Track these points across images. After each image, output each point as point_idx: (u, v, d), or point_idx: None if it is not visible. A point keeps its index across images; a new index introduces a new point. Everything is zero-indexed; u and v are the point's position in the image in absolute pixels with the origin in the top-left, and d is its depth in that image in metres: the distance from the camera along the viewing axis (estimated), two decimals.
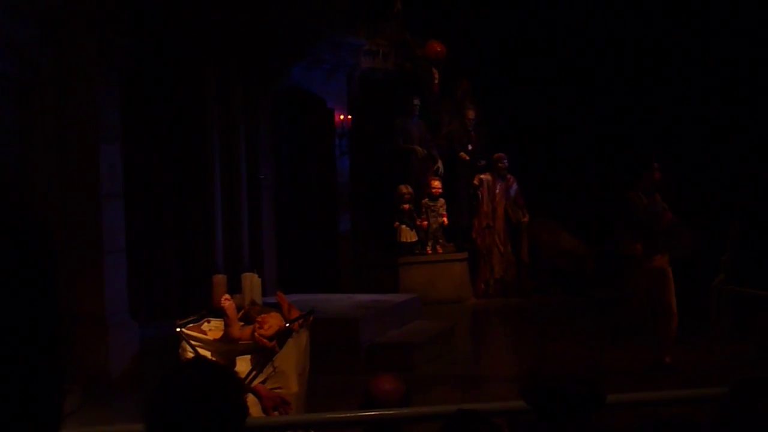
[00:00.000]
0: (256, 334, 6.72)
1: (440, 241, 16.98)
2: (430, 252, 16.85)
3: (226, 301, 6.84)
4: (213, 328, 7.08)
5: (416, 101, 17.16)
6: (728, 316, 12.73)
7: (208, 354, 6.82)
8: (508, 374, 11.08)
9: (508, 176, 17.53)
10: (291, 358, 6.86)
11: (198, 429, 2.88)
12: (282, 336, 6.79)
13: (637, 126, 18.01)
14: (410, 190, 16.65)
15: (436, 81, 17.73)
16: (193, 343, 6.81)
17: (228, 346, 6.79)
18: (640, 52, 17.90)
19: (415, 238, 16.71)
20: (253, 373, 6.68)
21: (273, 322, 6.82)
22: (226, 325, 6.83)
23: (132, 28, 11.32)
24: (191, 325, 7.00)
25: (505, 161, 17.46)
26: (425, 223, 16.78)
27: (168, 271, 13.07)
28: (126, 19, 11.16)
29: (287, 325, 6.86)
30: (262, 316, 6.88)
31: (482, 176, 17.54)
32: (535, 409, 3.59)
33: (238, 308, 7.04)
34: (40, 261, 1.73)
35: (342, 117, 16.44)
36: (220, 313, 6.93)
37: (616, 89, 18.24)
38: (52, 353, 1.90)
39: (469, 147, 17.81)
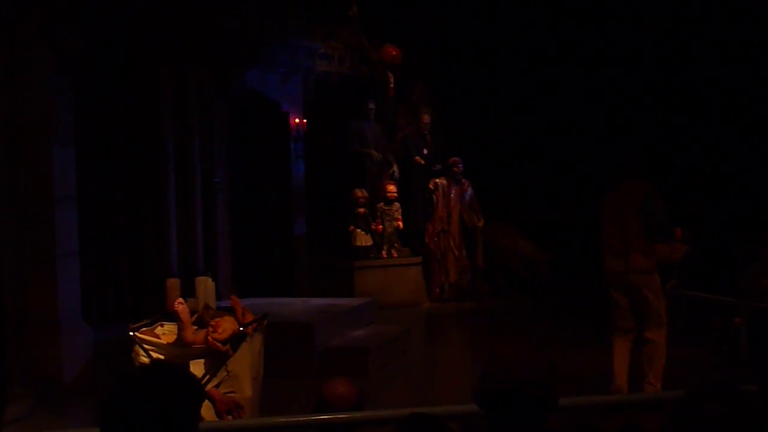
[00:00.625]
0: (209, 338, 6.70)
1: (395, 245, 17.00)
2: (385, 256, 16.86)
3: (180, 305, 6.80)
4: (166, 332, 7.05)
5: (372, 105, 17.17)
6: (681, 320, 12.84)
7: (161, 358, 6.79)
8: (462, 378, 11.12)
9: (463, 181, 17.60)
10: (245, 362, 6.85)
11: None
12: (236, 340, 6.78)
13: (592, 131, 18.14)
14: (365, 194, 16.66)
15: (392, 85, 17.75)
16: (146, 347, 6.78)
17: (181, 350, 6.76)
18: (595, 57, 18.02)
19: (370, 242, 16.71)
20: (207, 377, 6.66)
21: (227, 326, 6.80)
22: (180, 329, 6.80)
23: (86, 30, 11.24)
24: (144, 329, 6.97)
25: (460, 166, 17.53)
26: (380, 227, 16.79)
27: (121, 274, 12.98)
28: (80, 21, 11.08)
29: (241, 329, 6.84)
30: (216, 320, 6.86)
31: (437, 180, 17.59)
32: (487, 413, 3.60)
33: (192, 312, 7.02)
34: None
35: (297, 121, 16.41)
36: (173, 316, 6.90)
37: (570, 94, 18.36)
38: None
39: (425, 151, 17.85)
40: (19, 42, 10.66)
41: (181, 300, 6.92)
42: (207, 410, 6.32)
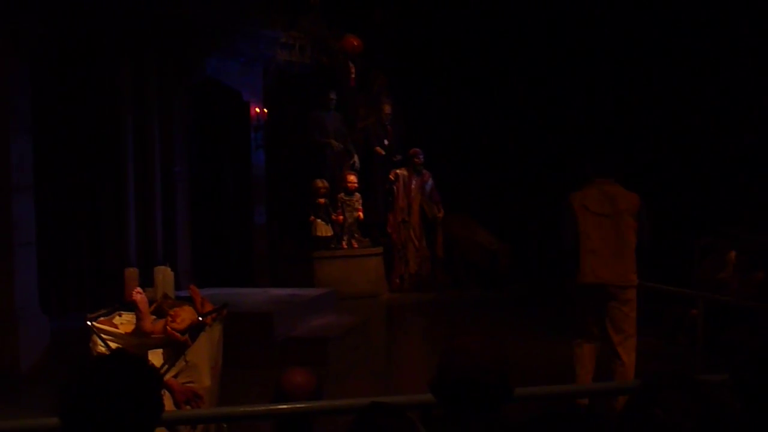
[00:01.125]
0: (168, 327, 6.67)
1: (355, 235, 17.00)
2: (345, 246, 16.86)
3: (138, 295, 6.77)
4: (125, 322, 7.01)
5: (333, 95, 17.15)
6: (638, 310, 12.93)
7: (119, 348, 6.75)
8: (421, 368, 11.15)
9: (424, 171, 17.62)
10: (203, 352, 6.82)
11: (114, 421, 2.85)
12: (194, 330, 6.75)
13: (552, 121, 18.22)
14: (326, 184, 16.64)
15: (353, 75, 17.74)
16: (104, 336, 6.73)
17: (140, 340, 6.73)
18: (554, 47, 18.09)
19: (330, 233, 16.70)
20: (165, 367, 6.63)
21: (185, 315, 6.77)
22: (138, 319, 6.77)
23: (44, 17, 11.15)
24: (102, 318, 6.92)
25: (421, 156, 17.55)
26: (341, 217, 16.78)
27: (80, 264, 12.90)
28: (39, 8, 10.98)
29: (200, 318, 6.82)
30: (175, 309, 6.83)
31: (398, 171, 17.61)
32: (443, 403, 3.62)
33: (151, 302, 6.98)
34: None
35: (258, 110, 16.36)
36: (132, 306, 6.86)
37: (530, 85, 18.43)
38: None
39: (385, 142, 17.86)
40: None
41: (139, 289, 6.88)
42: (165, 400, 6.29)
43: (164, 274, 7.43)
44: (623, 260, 8.73)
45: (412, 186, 17.55)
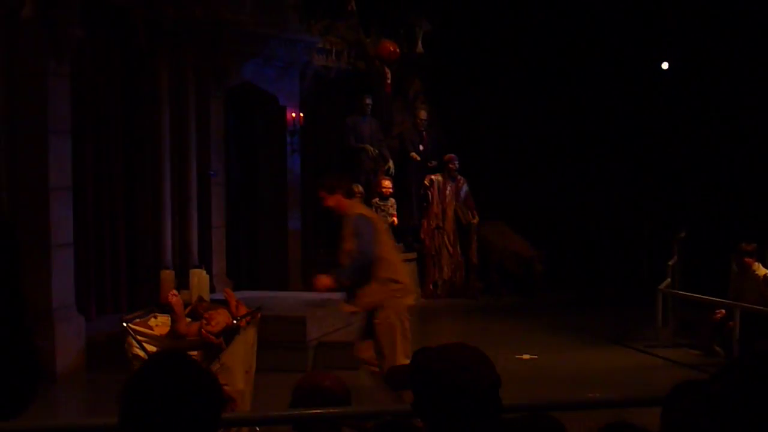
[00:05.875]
0: (203, 330, 6.73)
1: None
2: None
3: (174, 297, 6.83)
4: (160, 324, 7.08)
5: (368, 101, 17.16)
6: (673, 320, 12.87)
7: (154, 350, 6.81)
8: None
9: (459, 177, 17.61)
10: (238, 355, 6.87)
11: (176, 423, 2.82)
12: (229, 333, 6.80)
13: (588, 129, 18.17)
14: (361, 189, 16.63)
15: (389, 81, 17.72)
16: (139, 338, 6.80)
17: (175, 342, 6.78)
18: (592, 55, 18.03)
19: None
20: None
21: (220, 318, 6.82)
22: (173, 321, 6.83)
23: (85, 20, 11.24)
24: (138, 320, 7.00)
25: (456, 162, 17.54)
26: None
27: (116, 266, 12.96)
28: (78, 11, 11.07)
29: (234, 321, 6.87)
30: (210, 312, 6.88)
31: (433, 177, 17.60)
32: (428, 420, 3.36)
33: (186, 304, 7.04)
34: (4, 254, 1.73)
35: (294, 115, 16.41)
36: (167, 308, 6.92)
37: (564, 92, 18.36)
38: (26, 341, 1.91)
39: (421, 147, 17.85)
40: (16, 31, 10.65)
41: (174, 292, 6.95)
42: None
43: (199, 277, 7.51)
44: None
45: (447, 192, 17.54)
